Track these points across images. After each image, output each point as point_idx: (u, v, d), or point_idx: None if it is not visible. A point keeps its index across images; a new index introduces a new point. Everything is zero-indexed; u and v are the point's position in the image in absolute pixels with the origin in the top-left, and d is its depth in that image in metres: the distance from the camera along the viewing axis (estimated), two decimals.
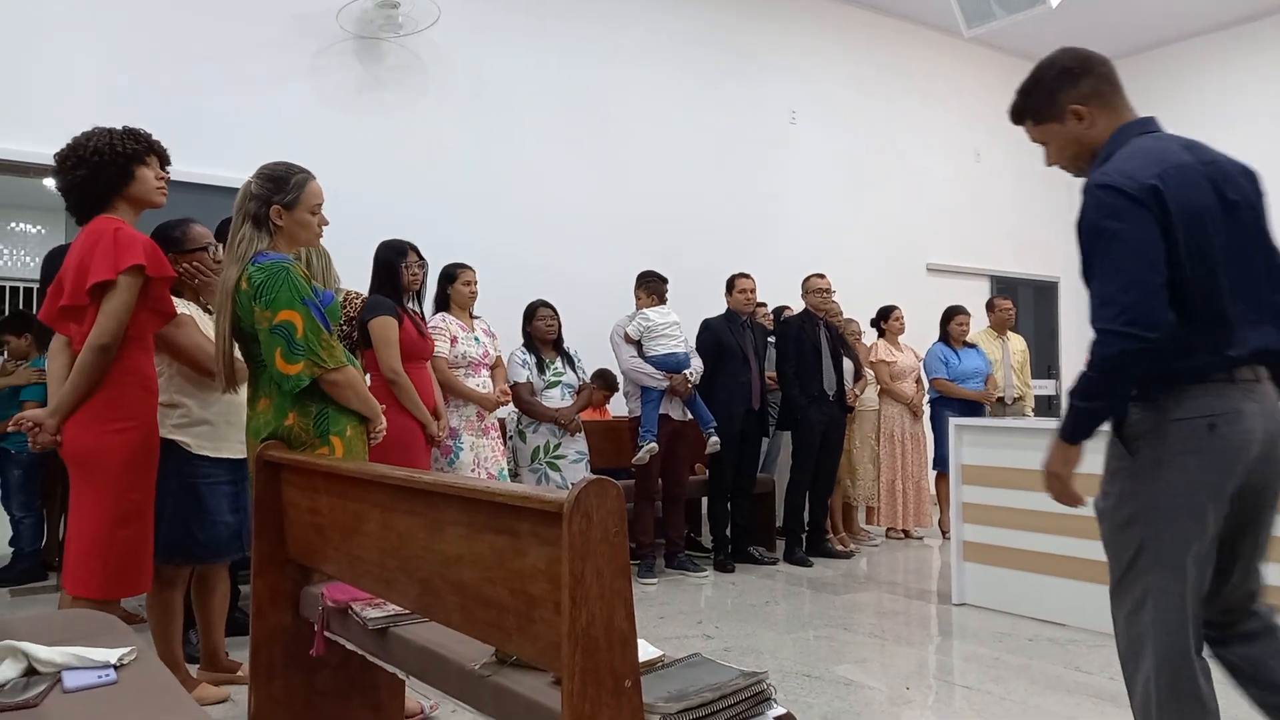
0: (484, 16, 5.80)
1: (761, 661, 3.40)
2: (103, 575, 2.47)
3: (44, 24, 4.47)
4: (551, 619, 1.25)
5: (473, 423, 4.02)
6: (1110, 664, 3.38)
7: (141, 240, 2.52)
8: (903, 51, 8.01)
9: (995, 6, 5.43)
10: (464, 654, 1.59)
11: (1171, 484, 1.76)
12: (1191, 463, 1.74)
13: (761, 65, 7.12)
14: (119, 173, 2.58)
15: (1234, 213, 1.79)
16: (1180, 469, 1.75)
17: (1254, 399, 1.76)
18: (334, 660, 2.20)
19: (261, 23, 5.04)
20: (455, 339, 4.06)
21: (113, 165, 2.56)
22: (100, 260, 2.45)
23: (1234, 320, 1.76)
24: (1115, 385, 1.76)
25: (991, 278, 8.48)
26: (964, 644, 3.70)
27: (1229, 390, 1.75)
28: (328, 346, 2.31)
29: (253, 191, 2.38)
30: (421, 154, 5.55)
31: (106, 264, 2.44)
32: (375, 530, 1.79)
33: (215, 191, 4.58)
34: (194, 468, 2.86)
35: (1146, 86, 8.67)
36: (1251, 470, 1.77)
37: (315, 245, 2.57)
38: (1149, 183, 1.73)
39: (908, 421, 6.02)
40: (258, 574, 2.22)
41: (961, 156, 8.39)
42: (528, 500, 1.29)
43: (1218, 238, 1.76)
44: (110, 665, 1.66)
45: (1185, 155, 1.82)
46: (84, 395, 2.46)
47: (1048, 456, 1.93)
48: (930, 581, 4.89)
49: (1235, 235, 1.79)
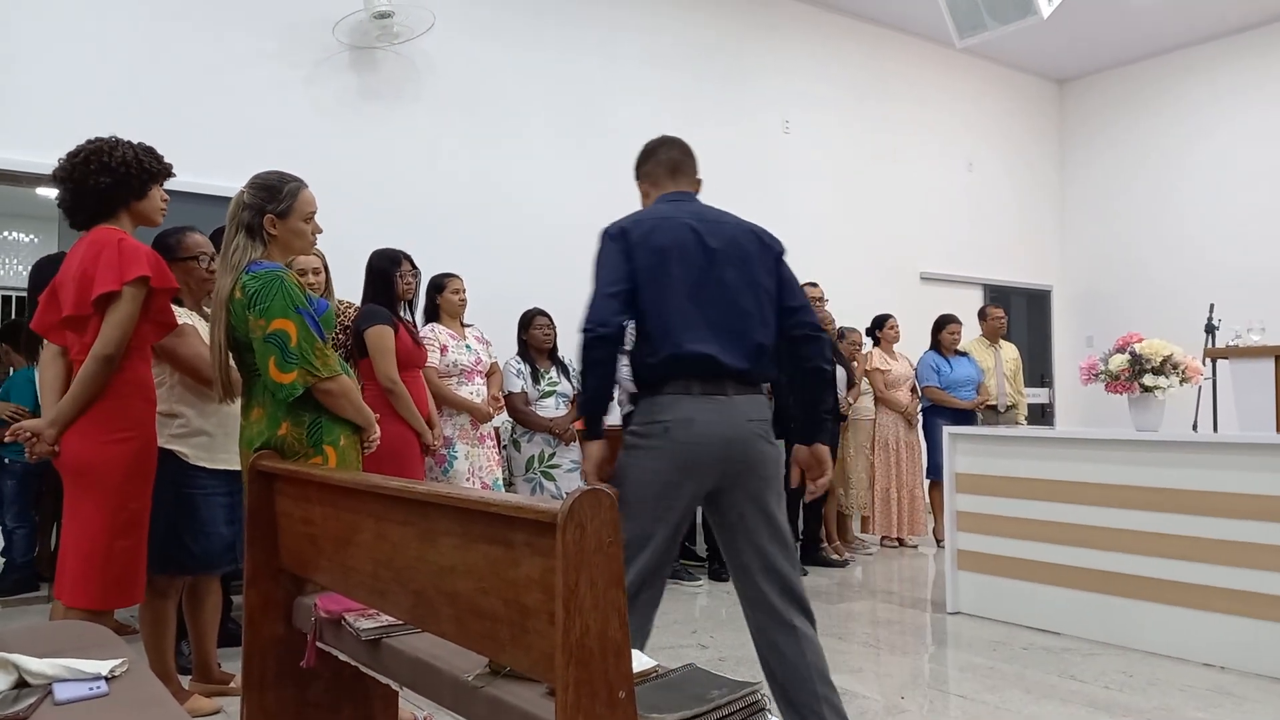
0: (478, 25, 5.82)
1: (756, 671, 3.37)
2: (99, 586, 2.45)
3: (40, 33, 4.47)
4: (545, 630, 1.25)
5: (467, 432, 4.02)
6: (1105, 672, 3.38)
7: (145, 251, 2.53)
8: (895, 61, 8.04)
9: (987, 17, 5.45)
10: (457, 665, 1.59)
11: (641, 468, 2.23)
12: (652, 455, 2.22)
13: (755, 75, 7.15)
14: (138, 187, 2.59)
15: (714, 256, 2.28)
16: (646, 457, 2.23)
17: (711, 408, 2.21)
18: (327, 671, 2.19)
19: (256, 33, 5.04)
20: (445, 348, 4.06)
21: (136, 179, 2.58)
22: (105, 271, 2.44)
23: (685, 339, 2.22)
24: (592, 371, 2.21)
25: (984, 286, 8.51)
26: (958, 653, 3.70)
27: (684, 401, 2.21)
28: (321, 355, 2.31)
29: (245, 201, 2.38)
30: (416, 162, 5.56)
31: (112, 275, 2.44)
32: (369, 540, 1.78)
33: (210, 201, 4.58)
34: (190, 478, 2.86)
35: (1135, 95, 8.75)
36: (720, 472, 2.22)
37: (309, 254, 2.57)
38: (621, 226, 2.31)
39: (903, 430, 6.03)
40: (250, 584, 2.21)
41: (954, 166, 8.43)
42: (521, 510, 1.29)
43: (679, 269, 2.25)
44: (101, 677, 1.65)
45: (671, 210, 2.36)
46: (85, 405, 2.45)
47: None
48: (925, 590, 4.89)
49: (711, 274, 2.27)
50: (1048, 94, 9.30)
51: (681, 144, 2.55)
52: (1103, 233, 8.97)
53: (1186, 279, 8.12)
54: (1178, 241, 8.37)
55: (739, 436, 2.22)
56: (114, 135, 2.61)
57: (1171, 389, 3.77)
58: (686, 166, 2.52)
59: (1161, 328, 5.48)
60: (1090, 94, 9.12)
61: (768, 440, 2.29)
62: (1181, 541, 3.55)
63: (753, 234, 2.38)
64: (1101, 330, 8.49)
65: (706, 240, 2.30)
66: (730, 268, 2.29)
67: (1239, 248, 7.94)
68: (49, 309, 2.58)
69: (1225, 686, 3.22)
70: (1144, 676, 3.34)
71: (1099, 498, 3.80)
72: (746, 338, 2.27)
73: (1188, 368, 3.78)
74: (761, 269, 2.34)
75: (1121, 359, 3.85)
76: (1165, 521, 3.60)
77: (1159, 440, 3.67)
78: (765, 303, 2.32)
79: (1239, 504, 3.40)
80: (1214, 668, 3.42)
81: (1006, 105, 8.88)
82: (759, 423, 2.27)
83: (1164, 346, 3.80)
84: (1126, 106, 8.83)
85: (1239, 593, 3.39)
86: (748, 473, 2.25)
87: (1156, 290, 8.40)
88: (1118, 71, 8.91)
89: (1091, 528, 3.82)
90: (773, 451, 2.30)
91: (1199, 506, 3.51)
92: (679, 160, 2.51)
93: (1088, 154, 9.11)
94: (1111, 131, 8.93)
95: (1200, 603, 3.50)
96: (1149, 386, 3.77)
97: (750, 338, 2.27)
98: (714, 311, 2.26)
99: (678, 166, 2.50)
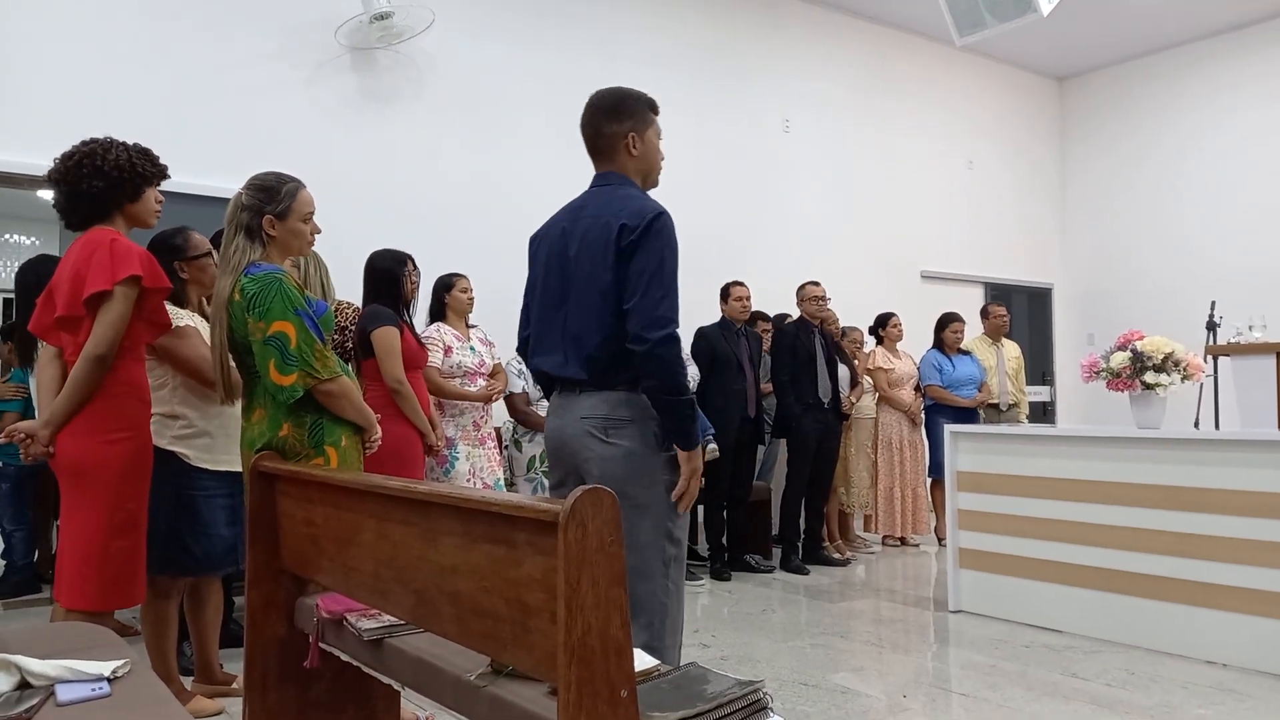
0: (479, 26, 5.81)
1: (758, 670, 3.39)
2: (97, 587, 2.45)
3: (39, 34, 4.46)
4: (547, 629, 1.25)
5: (469, 432, 4.01)
6: (1107, 670, 3.38)
7: (138, 251, 2.52)
8: (896, 60, 8.04)
9: (987, 15, 5.45)
10: (459, 665, 1.58)
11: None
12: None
13: (756, 74, 7.14)
14: (132, 190, 2.59)
15: (568, 260, 2.19)
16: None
17: (554, 407, 2.26)
18: (329, 672, 2.19)
19: (256, 34, 5.03)
20: (450, 349, 4.05)
21: (130, 182, 2.57)
22: (97, 271, 2.44)
23: (535, 352, 2.28)
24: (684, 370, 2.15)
25: (986, 284, 8.51)
26: (960, 651, 3.70)
27: (550, 404, 2.29)
28: (321, 357, 2.31)
29: (244, 202, 2.38)
30: (417, 163, 5.55)
31: (103, 275, 2.44)
32: (370, 541, 1.78)
33: (211, 202, 4.58)
34: (192, 480, 2.85)
35: (1135, 92, 8.74)
36: (564, 467, 2.24)
37: (307, 254, 2.57)
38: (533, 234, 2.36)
39: (906, 429, 6.02)
40: (252, 585, 2.21)
41: (955, 164, 8.42)
42: (523, 510, 1.28)
43: (548, 277, 2.23)
44: (104, 678, 1.65)
45: (564, 209, 2.27)
46: (78, 406, 2.45)
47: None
48: (927, 589, 4.89)
49: (565, 278, 2.20)
50: (1048, 91, 9.29)
51: (589, 111, 2.29)
52: (1104, 230, 8.96)
53: (1188, 276, 8.11)
54: (1179, 238, 8.36)
55: (571, 434, 2.18)
56: (109, 137, 2.61)
57: (1173, 386, 3.77)
58: (600, 144, 2.27)
59: (1163, 325, 5.48)
60: (1090, 91, 9.11)
61: (600, 437, 2.13)
62: (1184, 539, 3.55)
63: (602, 225, 2.14)
64: (1103, 328, 8.48)
65: (568, 241, 2.19)
66: (580, 268, 2.16)
67: (1240, 244, 7.93)
68: (45, 310, 2.58)
69: (1228, 684, 3.22)
70: (1146, 674, 3.34)
71: (1101, 495, 3.80)
72: (584, 345, 2.14)
73: (1189, 365, 3.78)
74: (603, 266, 2.12)
75: (1123, 356, 3.85)
76: (1168, 519, 3.60)
77: (1161, 438, 3.67)
78: (604, 305, 2.12)
79: (1241, 501, 3.40)
80: (1216, 665, 3.41)
81: (1007, 103, 8.88)
82: (594, 420, 2.14)
83: (1165, 344, 3.80)
84: (1127, 103, 8.82)
85: (1241, 590, 3.39)
86: (583, 468, 2.17)
87: (1158, 287, 8.39)
88: (1118, 69, 8.90)
89: (1094, 525, 3.81)
90: (604, 449, 2.13)
91: (1201, 504, 3.50)
92: (588, 138, 2.30)
93: (1088, 151, 9.10)
94: (1112, 128, 8.92)
95: (1202, 600, 3.49)
96: (1150, 384, 3.77)
97: (586, 346, 2.14)
98: (565, 318, 2.19)
99: (590, 145, 2.30)
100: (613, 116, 2.24)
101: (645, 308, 2.05)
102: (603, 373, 2.13)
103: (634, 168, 2.25)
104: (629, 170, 2.25)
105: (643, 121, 2.25)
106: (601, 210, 2.15)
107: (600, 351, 2.12)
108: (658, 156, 2.30)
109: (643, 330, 2.05)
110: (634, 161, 2.25)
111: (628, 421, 2.13)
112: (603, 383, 2.14)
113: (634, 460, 2.12)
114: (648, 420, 2.14)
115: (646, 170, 2.28)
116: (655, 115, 2.31)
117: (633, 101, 2.26)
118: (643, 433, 2.14)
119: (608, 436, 2.13)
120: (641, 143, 2.24)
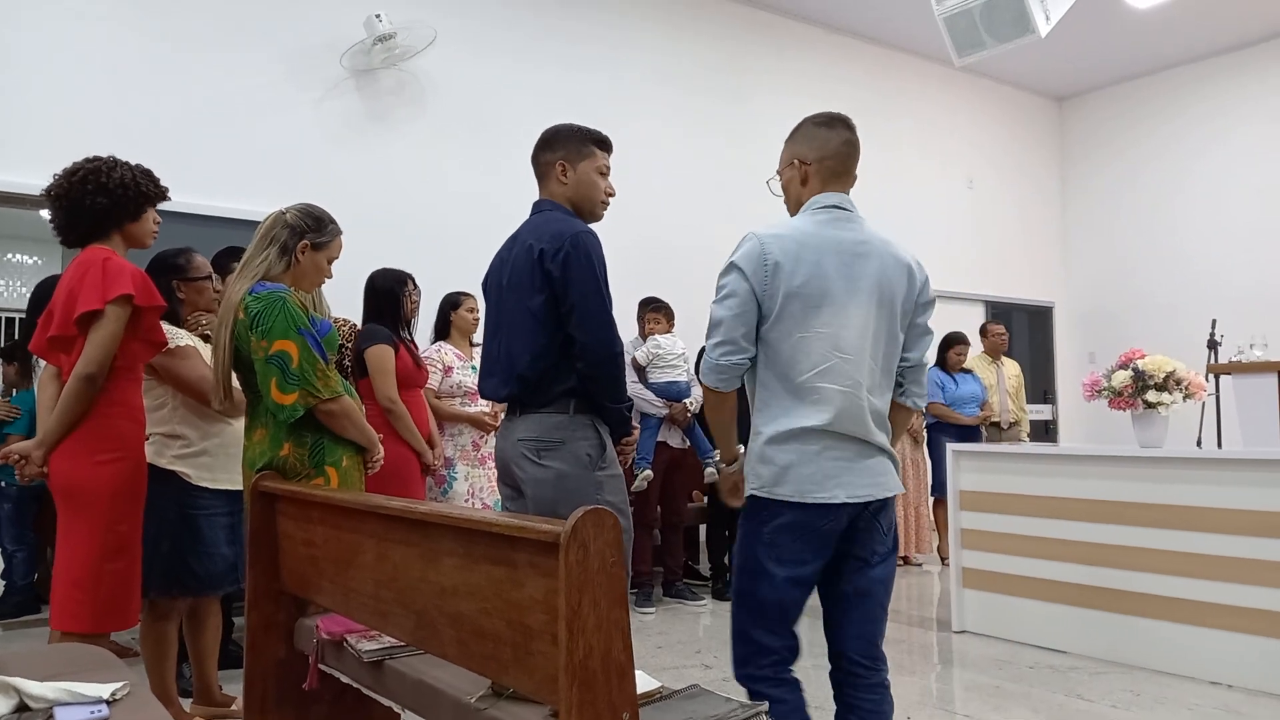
0: (482, 45, 5.85)
1: None
2: (91, 609, 2.43)
3: (44, 56, 4.50)
4: (549, 651, 1.24)
5: (468, 452, 4.01)
6: (1112, 691, 3.35)
7: (130, 270, 2.51)
8: (895, 80, 8.08)
9: (985, 35, 5.48)
10: (460, 687, 1.58)
11: None
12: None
13: (758, 94, 7.18)
14: (134, 209, 2.59)
15: (502, 293, 2.31)
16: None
17: (499, 435, 2.34)
18: (329, 694, 2.18)
19: (262, 57, 5.07)
20: (450, 369, 4.05)
21: (132, 200, 2.58)
22: (89, 290, 2.44)
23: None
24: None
25: (986, 303, 8.51)
26: (964, 672, 3.67)
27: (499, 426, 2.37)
28: (323, 377, 2.31)
29: (288, 221, 2.42)
30: (421, 182, 5.58)
31: (94, 294, 2.43)
32: (370, 561, 1.78)
33: (217, 222, 4.59)
34: (193, 499, 2.84)
35: (1135, 112, 8.78)
36: (510, 488, 2.30)
37: (310, 292, 2.57)
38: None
39: (908, 447, 6.01)
40: (252, 606, 2.20)
41: (954, 183, 8.44)
42: (524, 530, 1.28)
43: (500, 300, 2.31)
44: (103, 700, 1.64)
45: (504, 245, 2.38)
46: (70, 426, 2.43)
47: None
48: (930, 608, 4.86)
49: (499, 306, 2.31)
50: (1047, 111, 9.33)
51: (542, 139, 2.39)
52: (1104, 249, 8.97)
53: (1188, 294, 8.12)
54: (1179, 257, 8.37)
55: (510, 456, 2.26)
56: (112, 155, 2.62)
57: (1175, 405, 3.76)
58: (537, 171, 2.40)
59: (1164, 343, 5.47)
60: (1090, 111, 9.16)
61: (533, 459, 2.19)
62: (1187, 558, 3.53)
63: (526, 249, 2.24)
64: (1104, 346, 8.48)
65: (504, 270, 2.32)
66: (511, 294, 2.27)
67: (1241, 263, 7.94)
68: (45, 330, 2.57)
69: (1233, 705, 3.20)
70: (1151, 695, 3.31)
71: (1104, 514, 3.78)
72: (515, 364, 2.23)
73: (1191, 383, 3.77)
74: (530, 289, 2.21)
75: (1124, 375, 3.85)
76: (1171, 538, 3.58)
77: (1163, 456, 3.66)
78: (534, 324, 2.21)
79: (1244, 520, 3.39)
80: (1221, 685, 3.39)
81: (1006, 123, 8.91)
82: (527, 442, 2.21)
83: (1167, 362, 3.80)
84: (1126, 123, 8.85)
85: (1246, 610, 3.37)
86: (522, 489, 2.24)
87: (1158, 306, 8.39)
88: (1117, 88, 8.94)
89: (1097, 545, 3.80)
90: (536, 471, 2.19)
91: (1204, 523, 3.49)
92: (533, 166, 2.41)
93: (1088, 170, 9.14)
94: (1111, 148, 8.95)
95: (1207, 620, 3.47)
96: (1152, 403, 3.76)
97: (517, 365, 2.22)
98: (500, 342, 2.29)
99: (535, 174, 2.42)
100: (546, 146, 2.36)
101: (592, 345, 2.19)
102: (534, 390, 2.22)
103: (563, 195, 2.34)
104: (558, 197, 2.34)
105: (576, 153, 2.34)
106: (528, 236, 2.26)
107: (530, 370, 2.21)
108: (595, 189, 2.35)
109: (594, 369, 2.20)
110: (564, 189, 2.33)
111: (559, 444, 2.20)
112: (536, 401, 2.22)
113: (565, 481, 2.18)
114: (579, 441, 2.21)
115: (579, 199, 2.35)
116: (602, 150, 2.38)
117: (569, 134, 2.36)
118: (575, 453, 2.21)
119: (540, 459, 2.20)
120: (573, 172, 2.33)
